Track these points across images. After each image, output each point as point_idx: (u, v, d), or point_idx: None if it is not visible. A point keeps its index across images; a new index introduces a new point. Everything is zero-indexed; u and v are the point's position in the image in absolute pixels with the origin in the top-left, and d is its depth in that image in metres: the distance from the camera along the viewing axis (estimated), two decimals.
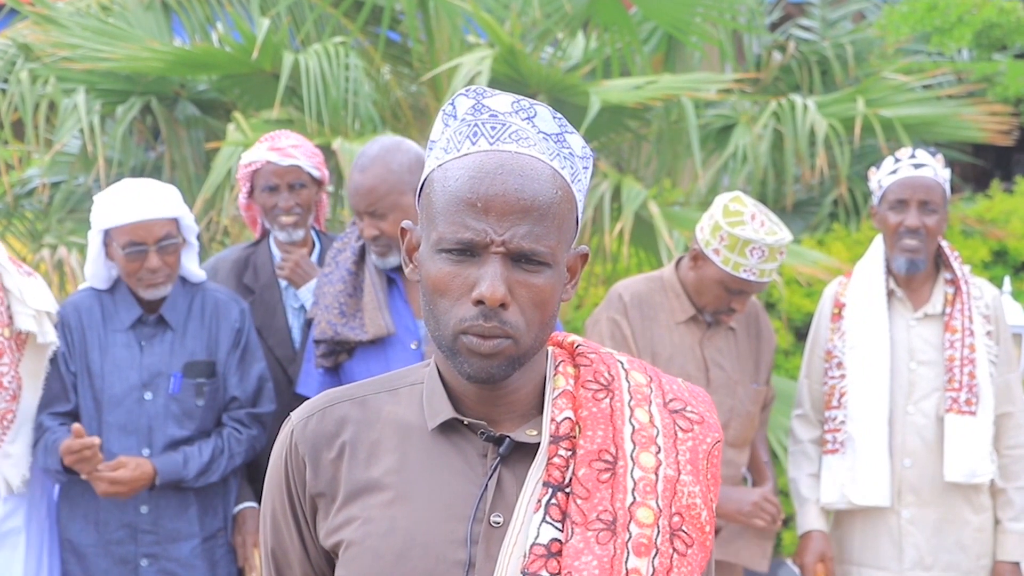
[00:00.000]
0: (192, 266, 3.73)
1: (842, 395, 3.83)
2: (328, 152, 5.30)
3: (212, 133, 6.04)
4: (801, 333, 5.99)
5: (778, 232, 3.58)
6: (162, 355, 3.65)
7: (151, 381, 3.64)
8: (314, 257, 4.06)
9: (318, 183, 4.03)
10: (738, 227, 3.54)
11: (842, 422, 3.82)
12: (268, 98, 5.62)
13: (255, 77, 5.62)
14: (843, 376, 3.84)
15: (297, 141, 4.01)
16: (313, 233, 4.11)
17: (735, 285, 3.62)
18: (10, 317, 3.62)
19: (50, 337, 3.67)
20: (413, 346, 3.50)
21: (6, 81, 5.85)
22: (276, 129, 5.24)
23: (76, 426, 3.49)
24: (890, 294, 3.86)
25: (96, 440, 3.50)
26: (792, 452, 4.00)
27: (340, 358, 3.58)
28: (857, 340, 3.83)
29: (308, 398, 3.58)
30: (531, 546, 1.51)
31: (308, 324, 3.84)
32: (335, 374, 3.62)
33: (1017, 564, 3.83)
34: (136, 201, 3.57)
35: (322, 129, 5.39)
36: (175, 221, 3.62)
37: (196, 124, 6.10)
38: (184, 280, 3.74)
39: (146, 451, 3.63)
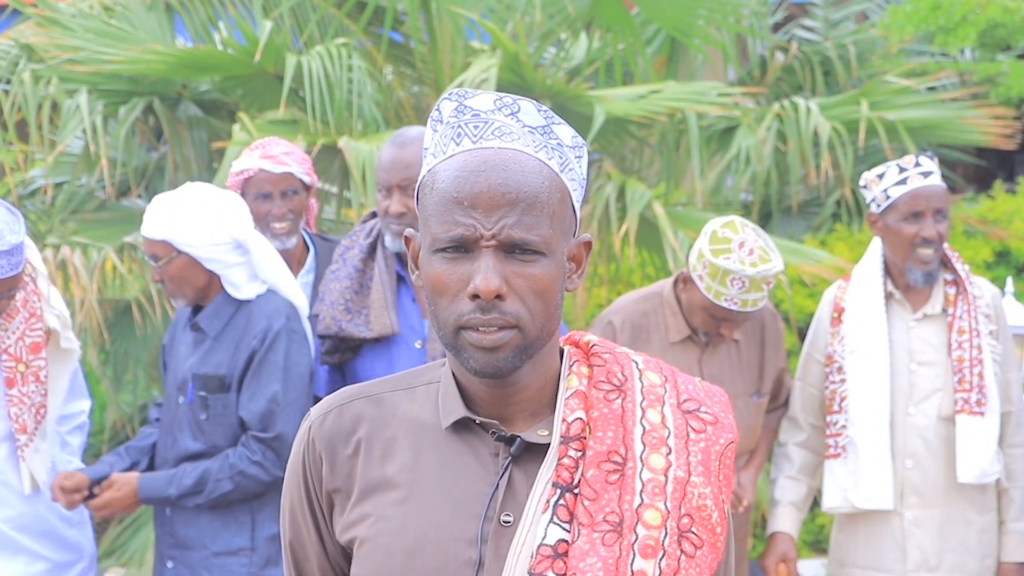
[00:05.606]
0: (238, 280, 3.61)
1: (843, 399, 3.82)
2: (334, 151, 5.29)
3: (215, 134, 6.04)
4: (804, 334, 5.97)
5: (762, 264, 3.52)
6: (195, 360, 3.59)
7: (183, 385, 3.60)
8: (310, 260, 4.06)
9: (308, 188, 4.03)
10: (720, 256, 3.52)
11: (843, 426, 3.81)
12: (270, 99, 5.62)
13: (258, 78, 5.62)
14: (843, 380, 3.83)
15: (288, 148, 4.01)
16: (306, 236, 4.11)
17: (718, 313, 3.61)
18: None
19: (73, 343, 3.71)
20: (417, 345, 3.52)
21: (9, 82, 5.84)
22: (282, 129, 5.25)
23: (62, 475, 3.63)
24: (888, 296, 3.85)
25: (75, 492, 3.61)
26: (775, 454, 4.02)
27: (345, 356, 3.59)
28: (856, 344, 3.81)
29: (315, 395, 3.63)
30: (538, 546, 1.52)
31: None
32: (339, 371, 3.65)
33: (1021, 564, 3.82)
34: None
35: (327, 129, 5.38)
36: (164, 242, 3.58)
37: (199, 125, 6.10)
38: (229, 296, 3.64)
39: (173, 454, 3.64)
